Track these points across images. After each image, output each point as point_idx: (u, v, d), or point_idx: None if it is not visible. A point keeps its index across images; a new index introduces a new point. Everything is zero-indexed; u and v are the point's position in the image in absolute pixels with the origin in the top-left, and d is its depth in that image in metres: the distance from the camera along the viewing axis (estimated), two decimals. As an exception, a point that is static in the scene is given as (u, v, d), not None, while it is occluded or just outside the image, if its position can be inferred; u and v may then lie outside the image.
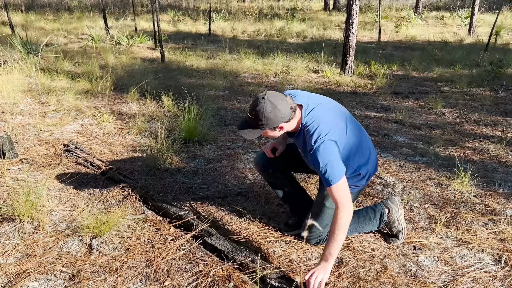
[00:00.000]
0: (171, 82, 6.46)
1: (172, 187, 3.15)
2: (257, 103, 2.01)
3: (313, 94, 2.34)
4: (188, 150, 3.86)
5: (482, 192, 3.18)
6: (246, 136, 2.10)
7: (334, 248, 2.04)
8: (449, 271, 2.30)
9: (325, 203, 2.40)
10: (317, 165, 2.05)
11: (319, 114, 2.14)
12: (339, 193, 2.05)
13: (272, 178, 2.61)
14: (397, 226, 2.54)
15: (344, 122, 2.23)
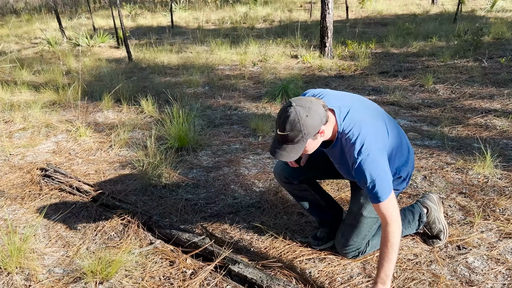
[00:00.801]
0: (146, 83, 5.99)
1: (175, 207, 2.80)
2: (287, 115, 1.69)
3: (339, 92, 2.04)
4: (182, 160, 3.50)
5: (505, 173, 3.01)
6: (288, 157, 1.76)
7: (390, 268, 1.78)
8: (503, 270, 2.10)
9: (362, 213, 2.13)
10: (362, 180, 1.77)
11: (357, 118, 1.84)
12: (388, 210, 1.79)
13: (297, 190, 2.31)
14: (438, 225, 2.31)
15: (383, 123, 1.95)
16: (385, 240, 1.79)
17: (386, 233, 1.79)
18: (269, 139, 3.91)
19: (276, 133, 1.74)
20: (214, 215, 2.70)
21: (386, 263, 1.78)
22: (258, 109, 4.74)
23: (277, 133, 1.73)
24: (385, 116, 2.02)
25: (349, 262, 2.21)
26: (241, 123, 4.33)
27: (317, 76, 6.00)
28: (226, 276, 2.12)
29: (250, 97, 5.23)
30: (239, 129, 4.18)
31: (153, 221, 2.57)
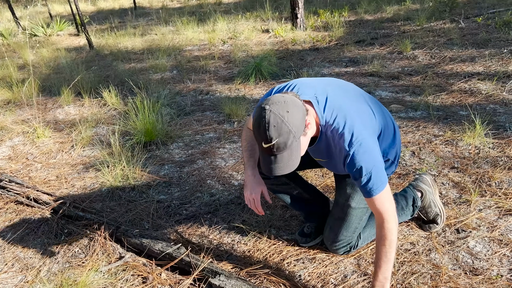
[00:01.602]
0: (108, 72, 5.58)
1: (146, 211, 2.53)
2: (266, 120, 1.40)
3: (309, 79, 1.77)
4: (152, 156, 3.20)
5: (496, 142, 2.84)
6: (289, 167, 1.48)
7: (388, 269, 1.57)
8: (508, 253, 1.93)
9: (350, 204, 1.91)
10: (357, 173, 1.53)
11: (338, 105, 1.59)
12: (385, 204, 1.56)
13: (276, 184, 2.05)
14: (434, 209, 2.11)
15: (367, 104, 1.71)
16: (382, 238, 1.57)
17: (382, 231, 1.57)
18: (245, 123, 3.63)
19: (262, 148, 1.45)
20: (190, 217, 2.44)
21: (384, 264, 1.57)
22: (231, 92, 4.45)
23: (262, 147, 1.44)
24: (366, 96, 1.79)
25: (341, 259, 2.00)
26: (214, 108, 4.03)
27: (291, 50, 5.70)
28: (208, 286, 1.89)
29: (222, 79, 4.91)
30: (212, 115, 3.89)
31: (121, 231, 2.30)
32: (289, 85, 1.71)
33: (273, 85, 4.52)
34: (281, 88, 1.72)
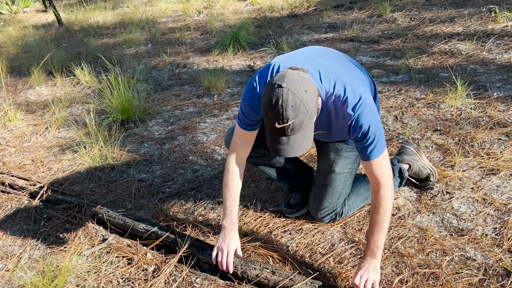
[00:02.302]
0: (80, 48, 5.36)
1: (128, 191, 2.46)
2: (284, 99, 1.30)
3: (292, 53, 1.70)
4: (130, 134, 3.11)
5: (477, 102, 2.83)
6: (301, 150, 1.40)
7: (381, 239, 1.56)
8: (492, 212, 1.94)
9: (334, 169, 1.89)
10: (362, 135, 1.50)
11: (332, 71, 1.53)
12: (384, 168, 1.54)
13: (256, 157, 1.99)
14: (424, 171, 2.11)
15: (356, 66, 1.70)
16: (377, 206, 1.55)
17: (378, 198, 1.55)
18: (225, 96, 3.55)
19: (273, 128, 1.34)
20: (173, 195, 2.39)
21: (377, 233, 1.55)
22: (209, 64, 4.32)
23: (274, 127, 1.34)
24: (350, 58, 1.75)
25: (328, 228, 1.99)
26: (193, 82, 3.92)
27: (269, 18, 5.54)
28: (194, 267, 1.86)
29: (199, 51, 4.77)
30: (191, 89, 3.78)
31: (103, 212, 2.23)
32: (272, 66, 1.59)
33: (252, 55, 4.41)
34: (264, 72, 1.59)
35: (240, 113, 1.67)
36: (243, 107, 1.64)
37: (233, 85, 3.75)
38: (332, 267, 1.76)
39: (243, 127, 1.69)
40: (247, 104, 1.62)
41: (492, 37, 3.75)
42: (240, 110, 1.66)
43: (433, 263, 1.71)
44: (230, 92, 3.61)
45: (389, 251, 1.80)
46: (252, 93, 1.60)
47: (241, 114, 1.66)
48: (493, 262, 1.67)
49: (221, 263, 1.70)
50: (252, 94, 1.60)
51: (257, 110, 1.61)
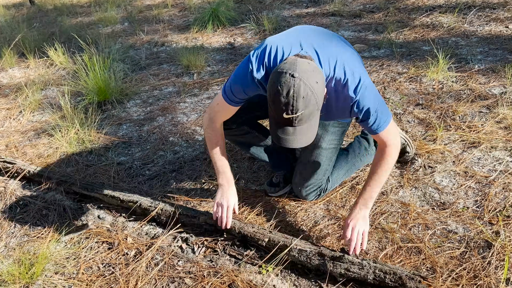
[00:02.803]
0: (53, 28, 5.15)
1: (106, 175, 2.39)
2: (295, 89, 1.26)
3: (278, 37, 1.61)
4: (108, 116, 3.01)
5: (459, 75, 2.82)
6: (307, 140, 1.38)
7: (377, 191, 1.61)
8: (473, 185, 1.95)
9: (321, 145, 1.86)
10: (365, 115, 1.50)
11: (329, 53, 1.49)
12: (391, 134, 1.58)
13: (238, 135, 1.95)
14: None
15: (346, 44, 1.66)
16: (380, 159, 1.59)
17: (384, 155, 1.58)
18: (205, 75, 3.46)
19: (279, 118, 1.31)
20: (154, 177, 2.33)
21: (374, 183, 1.60)
22: (188, 41, 4.20)
23: (281, 117, 1.30)
24: (340, 36, 1.71)
25: (311, 205, 1.97)
26: (171, 60, 3.81)
27: (249, -7, 5.40)
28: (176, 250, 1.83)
29: (178, 28, 4.63)
30: (169, 68, 3.68)
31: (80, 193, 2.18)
32: (269, 47, 1.52)
33: (232, 31, 4.30)
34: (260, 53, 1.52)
35: (228, 90, 1.61)
36: (234, 87, 1.58)
37: (213, 63, 3.66)
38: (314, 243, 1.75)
39: (228, 102, 1.65)
40: (238, 85, 1.57)
41: (473, 9, 3.73)
42: (229, 87, 1.60)
43: (416, 238, 1.71)
44: (210, 71, 3.52)
45: (372, 227, 1.80)
46: (246, 75, 1.53)
47: (230, 91, 1.60)
48: (474, 234, 1.68)
49: (221, 218, 1.72)
50: (245, 76, 1.54)
51: (249, 92, 1.58)
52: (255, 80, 1.52)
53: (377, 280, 1.47)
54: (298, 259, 1.62)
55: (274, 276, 1.63)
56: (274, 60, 1.49)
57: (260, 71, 1.51)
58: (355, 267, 1.51)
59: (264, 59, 1.51)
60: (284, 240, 1.66)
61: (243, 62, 1.58)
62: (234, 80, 1.59)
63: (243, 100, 1.64)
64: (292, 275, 1.62)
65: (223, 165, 1.76)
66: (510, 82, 2.63)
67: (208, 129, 1.75)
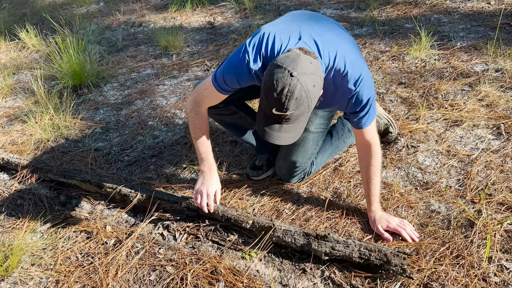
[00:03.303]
0: (24, 9, 4.93)
1: (84, 162, 2.32)
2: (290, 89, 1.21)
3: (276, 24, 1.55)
4: (84, 101, 2.91)
5: (441, 52, 2.79)
6: (289, 140, 1.35)
7: (379, 189, 1.66)
8: (456, 164, 1.94)
9: (309, 128, 1.84)
10: (360, 108, 1.48)
11: (328, 43, 1.43)
12: (374, 132, 1.58)
13: (225, 114, 1.89)
14: (381, 121, 2.07)
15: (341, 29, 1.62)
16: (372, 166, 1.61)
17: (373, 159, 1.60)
18: (184, 56, 3.36)
19: (269, 113, 1.27)
20: (133, 163, 2.27)
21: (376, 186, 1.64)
22: (166, 21, 4.07)
23: (271, 112, 1.26)
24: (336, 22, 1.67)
25: (293, 188, 1.95)
26: (149, 41, 3.69)
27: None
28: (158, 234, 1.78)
29: (155, 8, 4.48)
30: (147, 49, 3.56)
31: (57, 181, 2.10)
32: (267, 36, 1.44)
33: (212, 10, 4.18)
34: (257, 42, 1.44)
35: (220, 78, 1.52)
36: (227, 76, 1.50)
37: (193, 43, 3.56)
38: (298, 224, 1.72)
39: (219, 90, 1.56)
40: (232, 75, 1.49)
41: (455, -15, 3.68)
42: (222, 76, 1.51)
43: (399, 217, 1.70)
44: (190, 51, 3.42)
45: (355, 210, 1.78)
46: (242, 65, 1.46)
47: (222, 80, 1.52)
48: (457, 213, 1.67)
49: (201, 206, 1.67)
50: (241, 66, 1.46)
51: (243, 83, 1.51)
52: (252, 71, 1.45)
53: (362, 258, 1.47)
54: (283, 240, 1.59)
55: (258, 261, 1.61)
56: (272, 50, 1.42)
57: (257, 62, 1.43)
58: (340, 245, 1.50)
59: (261, 49, 1.43)
60: (268, 222, 1.63)
61: (239, 51, 1.48)
62: (227, 69, 1.51)
63: (235, 89, 1.57)
64: (276, 260, 1.60)
65: (206, 151, 1.70)
66: (491, 59, 2.62)
67: (192, 112, 1.67)
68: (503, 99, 2.27)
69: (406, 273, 1.41)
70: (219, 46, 3.44)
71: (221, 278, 1.54)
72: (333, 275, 1.50)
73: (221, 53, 3.32)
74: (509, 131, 2.06)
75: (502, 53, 2.65)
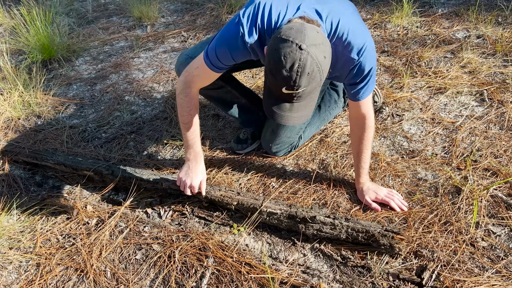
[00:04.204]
0: (-16, -21, 4.59)
1: (58, 140, 2.21)
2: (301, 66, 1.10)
3: None
4: (55, 76, 2.76)
5: (423, 20, 2.76)
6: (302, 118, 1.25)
7: (369, 162, 1.63)
8: (441, 131, 1.94)
9: None
10: (361, 78, 1.41)
11: (329, 9, 1.32)
12: (371, 105, 1.53)
13: (211, 89, 1.79)
14: None
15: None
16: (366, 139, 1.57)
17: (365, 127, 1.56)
18: (159, 27, 3.22)
19: (280, 92, 1.16)
20: (111, 140, 2.17)
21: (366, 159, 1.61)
22: (139, -9, 3.87)
23: (280, 92, 1.16)
24: None
25: (280, 161, 1.91)
26: (121, 12, 3.51)
27: None
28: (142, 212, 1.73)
29: (126, -23, 4.25)
30: (120, 21, 3.39)
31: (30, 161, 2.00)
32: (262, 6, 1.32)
33: (186, -21, 3.99)
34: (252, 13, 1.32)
35: (212, 54, 1.41)
36: (219, 51, 1.39)
37: (168, 13, 3.41)
38: (286, 198, 1.70)
39: (211, 67, 1.44)
40: (225, 49, 1.38)
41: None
42: (214, 51, 1.40)
43: (387, 187, 1.69)
44: (165, 22, 3.28)
45: (341, 181, 1.76)
46: (236, 38, 1.34)
47: (214, 56, 1.41)
48: (444, 181, 1.68)
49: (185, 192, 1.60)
50: (235, 39, 1.34)
51: (237, 58, 1.40)
52: (247, 45, 1.33)
53: (350, 238, 1.45)
54: (269, 222, 1.56)
55: (246, 235, 1.58)
56: (268, 21, 1.30)
57: (253, 34, 1.32)
58: (327, 227, 1.48)
59: (257, 20, 1.31)
60: (254, 202, 1.58)
61: (231, 23, 1.37)
62: (220, 43, 1.39)
63: (228, 66, 1.45)
64: (265, 234, 1.58)
65: (193, 138, 1.59)
66: (473, 25, 2.60)
67: (181, 94, 1.54)
68: (485, 65, 2.27)
69: (394, 251, 1.40)
70: (196, 16, 3.31)
71: (210, 254, 1.51)
72: (323, 247, 1.49)
73: (197, 23, 3.19)
74: (492, 97, 2.07)
75: (483, 19, 2.63)
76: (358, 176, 1.65)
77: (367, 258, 1.43)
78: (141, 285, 1.45)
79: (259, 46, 1.34)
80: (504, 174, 1.65)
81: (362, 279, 1.37)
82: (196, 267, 1.48)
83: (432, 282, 1.33)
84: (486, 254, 1.40)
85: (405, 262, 1.41)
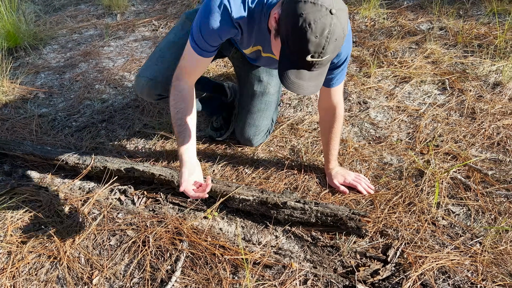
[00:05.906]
0: None
1: (27, 129, 2.16)
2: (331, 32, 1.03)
3: None
4: (22, 64, 2.69)
5: (390, 11, 2.86)
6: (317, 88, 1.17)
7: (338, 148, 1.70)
8: (405, 118, 2.04)
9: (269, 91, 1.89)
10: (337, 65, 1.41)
11: None
12: (342, 93, 1.55)
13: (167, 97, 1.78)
14: None
15: None
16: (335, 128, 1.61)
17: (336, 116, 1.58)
18: (129, 15, 3.18)
19: (302, 60, 1.08)
20: (82, 129, 2.15)
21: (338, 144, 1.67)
22: (107, -21, 3.79)
23: (304, 60, 1.08)
24: None
25: (252, 148, 1.95)
26: (90, 0, 3.44)
27: None
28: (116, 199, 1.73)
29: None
30: (88, 8, 3.33)
31: None
32: None
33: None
34: None
35: (197, 35, 1.33)
36: (204, 30, 1.30)
37: (138, 2, 3.37)
38: (258, 183, 1.75)
39: (199, 52, 1.36)
40: (211, 28, 1.29)
41: None
42: (198, 32, 1.32)
43: (355, 172, 1.76)
44: (135, 10, 3.24)
45: (310, 168, 1.82)
46: (221, 15, 1.27)
47: (199, 37, 1.33)
48: (408, 164, 1.77)
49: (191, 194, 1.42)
50: (220, 15, 1.27)
51: (224, 36, 1.33)
52: (233, 21, 1.28)
53: (320, 221, 1.51)
54: (242, 208, 1.61)
55: (220, 220, 1.62)
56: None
57: (240, 9, 1.27)
58: (297, 212, 1.53)
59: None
60: (226, 189, 1.61)
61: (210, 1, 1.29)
62: (204, 21, 1.29)
63: (216, 47, 1.37)
64: (238, 218, 1.62)
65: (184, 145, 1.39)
66: (436, 18, 2.71)
67: (172, 89, 1.42)
68: (447, 56, 2.38)
69: (360, 232, 1.48)
70: (166, 5, 3.29)
71: (184, 238, 1.54)
72: (295, 229, 1.55)
73: (168, 12, 3.17)
74: (453, 86, 2.18)
75: (445, 11, 2.75)
76: (327, 162, 1.72)
77: (336, 238, 1.50)
78: (115, 270, 1.47)
79: (246, 23, 1.30)
80: (463, 158, 1.76)
81: (331, 257, 1.44)
82: (170, 251, 1.50)
83: (397, 259, 1.41)
84: (446, 232, 1.49)
85: (371, 241, 1.49)
